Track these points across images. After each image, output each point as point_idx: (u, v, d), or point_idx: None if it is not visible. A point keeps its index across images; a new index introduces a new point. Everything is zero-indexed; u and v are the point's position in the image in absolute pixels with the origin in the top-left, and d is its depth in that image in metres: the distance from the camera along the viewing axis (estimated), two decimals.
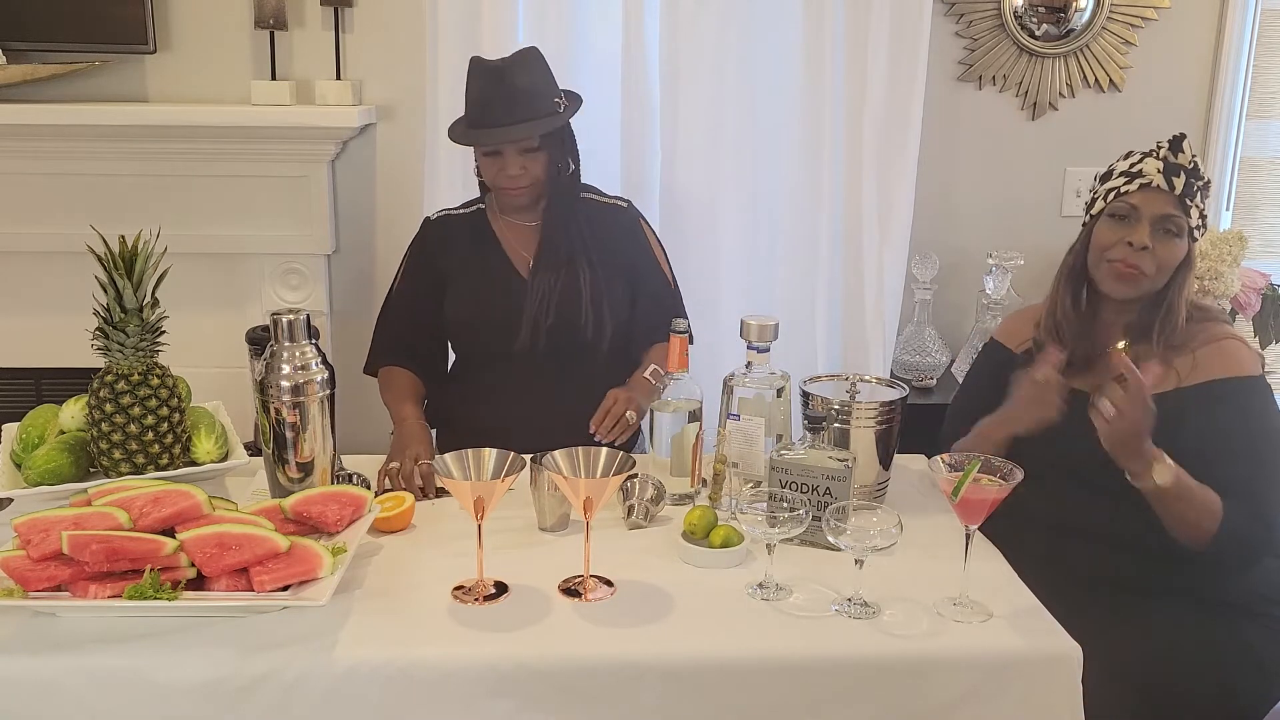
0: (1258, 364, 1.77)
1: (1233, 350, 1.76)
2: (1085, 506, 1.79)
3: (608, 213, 2.21)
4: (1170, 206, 1.76)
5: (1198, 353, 1.76)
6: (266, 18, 2.76)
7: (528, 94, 2.05)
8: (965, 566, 1.52)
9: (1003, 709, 1.41)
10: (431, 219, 2.27)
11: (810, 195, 2.85)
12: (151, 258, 1.72)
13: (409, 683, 1.36)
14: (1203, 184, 1.78)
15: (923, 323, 2.93)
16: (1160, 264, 1.77)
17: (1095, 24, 2.90)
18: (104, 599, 1.38)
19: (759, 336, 1.77)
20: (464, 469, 1.51)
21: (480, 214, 2.23)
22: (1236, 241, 2.71)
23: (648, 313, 2.19)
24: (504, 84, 2.04)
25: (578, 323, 2.11)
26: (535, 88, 2.07)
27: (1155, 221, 1.76)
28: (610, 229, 2.19)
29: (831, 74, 2.75)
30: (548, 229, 2.15)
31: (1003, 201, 3.03)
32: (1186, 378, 1.75)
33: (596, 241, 2.16)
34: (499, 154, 2.07)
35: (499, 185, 2.11)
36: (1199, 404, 1.73)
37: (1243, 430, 1.72)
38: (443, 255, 2.20)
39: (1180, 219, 1.76)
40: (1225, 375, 1.74)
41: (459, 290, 2.18)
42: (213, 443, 1.79)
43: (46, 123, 2.67)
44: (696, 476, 1.84)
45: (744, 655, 1.40)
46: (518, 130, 2.03)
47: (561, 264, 2.13)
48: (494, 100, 2.04)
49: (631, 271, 2.20)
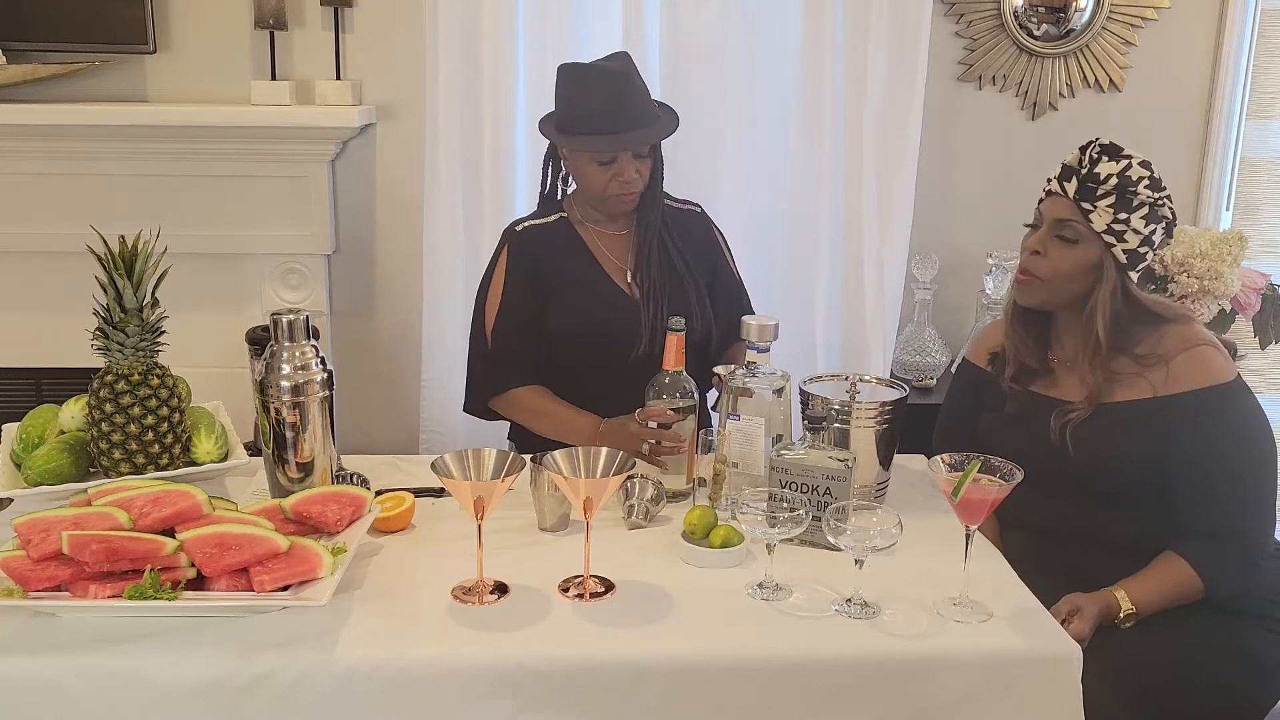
0: (1232, 367, 1.77)
1: (1206, 358, 1.75)
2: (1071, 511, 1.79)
3: (684, 217, 2.23)
4: (1065, 211, 1.76)
5: (1171, 363, 1.75)
6: (266, 18, 2.76)
7: (644, 98, 2.07)
8: (965, 566, 1.52)
9: (1003, 709, 1.41)
10: (517, 230, 2.18)
11: (810, 195, 2.85)
12: (151, 258, 1.71)
13: (409, 683, 1.36)
14: (1109, 190, 1.73)
15: (923, 323, 2.93)
16: (1054, 269, 1.77)
17: (1095, 24, 2.90)
18: (104, 599, 1.38)
19: (759, 336, 1.77)
20: (464, 469, 1.51)
21: (564, 223, 2.19)
22: (1236, 241, 2.71)
23: (724, 312, 2.21)
24: (625, 88, 2.03)
25: (691, 324, 2.08)
26: (646, 91, 2.09)
27: (1051, 227, 1.78)
28: (689, 233, 2.21)
29: (831, 74, 2.75)
30: (643, 235, 2.15)
31: (1003, 201, 3.03)
32: (1162, 388, 1.75)
33: (684, 244, 2.18)
34: (614, 160, 2.04)
35: (610, 193, 2.08)
36: (1183, 416, 1.73)
37: (1228, 438, 1.73)
38: (540, 269, 2.15)
39: (1076, 224, 1.75)
40: (1204, 385, 1.73)
41: (565, 305, 2.13)
42: (213, 443, 1.79)
43: (46, 123, 2.68)
44: (691, 473, 1.84)
45: (744, 655, 1.40)
46: (648, 134, 2.04)
47: (662, 269, 2.14)
48: (623, 104, 2.03)
49: (712, 274, 2.22)
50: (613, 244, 2.19)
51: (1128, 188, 1.73)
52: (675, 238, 2.18)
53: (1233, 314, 2.79)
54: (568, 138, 2.07)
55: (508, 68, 2.75)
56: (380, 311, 3.04)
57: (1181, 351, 1.76)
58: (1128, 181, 1.73)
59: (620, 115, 2.03)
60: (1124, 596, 1.69)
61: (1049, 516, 1.81)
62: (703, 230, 2.26)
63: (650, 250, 2.15)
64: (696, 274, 2.19)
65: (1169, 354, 1.76)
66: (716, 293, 2.23)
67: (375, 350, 3.06)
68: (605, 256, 2.18)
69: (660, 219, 2.17)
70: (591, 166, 2.07)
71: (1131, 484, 1.76)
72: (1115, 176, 1.73)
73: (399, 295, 3.01)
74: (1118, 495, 1.77)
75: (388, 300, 3.02)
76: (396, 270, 2.99)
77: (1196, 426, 1.72)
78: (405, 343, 3.00)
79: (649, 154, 2.09)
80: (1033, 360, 1.87)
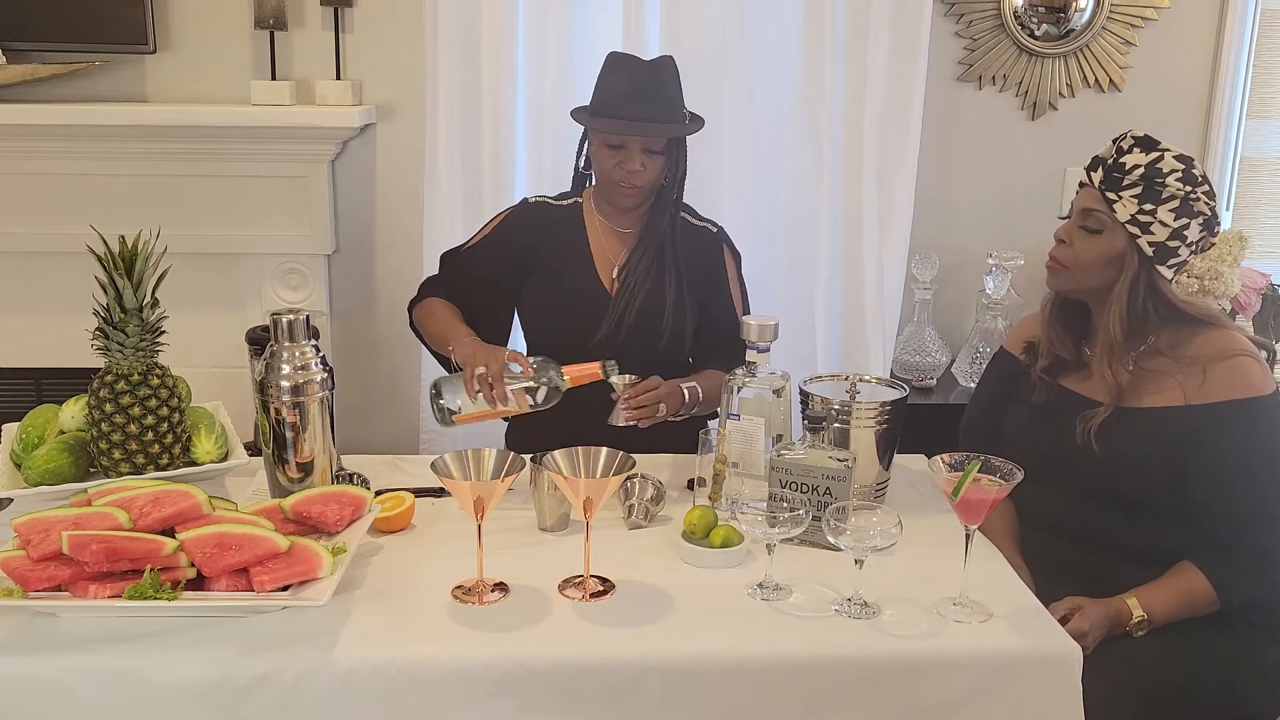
0: (1270, 382, 1.73)
1: (1245, 369, 1.72)
2: (1091, 514, 1.79)
3: (696, 234, 2.23)
4: (1091, 202, 1.76)
5: (1208, 370, 1.72)
6: (266, 18, 2.76)
7: (669, 97, 2.09)
8: (965, 566, 1.52)
9: (1003, 709, 1.41)
10: (530, 201, 2.27)
11: (810, 195, 2.85)
12: (151, 258, 1.71)
13: (409, 683, 1.36)
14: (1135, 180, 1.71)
15: (923, 323, 2.93)
16: (1078, 258, 1.77)
17: (1095, 24, 2.90)
18: (104, 599, 1.37)
19: (759, 336, 1.77)
20: (464, 469, 1.51)
21: (577, 208, 2.23)
22: (1236, 241, 2.71)
23: (708, 336, 2.20)
24: (652, 81, 2.07)
25: (658, 328, 2.12)
26: (675, 94, 2.11)
27: (1078, 216, 1.78)
28: (696, 250, 2.21)
29: (831, 74, 2.75)
30: (645, 235, 2.17)
31: (1003, 201, 3.04)
32: (1194, 396, 1.72)
33: (685, 258, 2.18)
34: (623, 147, 2.07)
35: (614, 180, 2.10)
36: (1210, 425, 1.70)
37: (1257, 453, 1.70)
38: (533, 240, 2.20)
39: (1100, 214, 1.74)
40: (1236, 396, 1.70)
41: (540, 282, 2.19)
42: (213, 443, 1.79)
43: (46, 123, 2.68)
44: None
45: (744, 655, 1.40)
46: (658, 128, 2.06)
47: (651, 270, 2.15)
48: (644, 94, 2.05)
49: (702, 291, 2.21)
50: (613, 239, 2.20)
51: (1155, 179, 1.71)
52: (679, 250, 2.17)
53: (1233, 314, 2.80)
54: (587, 115, 2.11)
55: (508, 68, 2.75)
56: (380, 311, 3.04)
57: (1220, 360, 1.72)
58: (1156, 173, 1.71)
59: (638, 104, 2.05)
60: (1136, 604, 1.67)
61: (1068, 517, 1.80)
62: (710, 251, 2.24)
63: (645, 252, 2.15)
64: (686, 289, 2.17)
65: (1206, 360, 1.73)
66: (706, 315, 2.21)
67: (375, 350, 3.06)
68: (600, 248, 2.19)
69: (669, 227, 2.17)
70: (603, 150, 2.10)
71: (1154, 492, 1.74)
72: (1143, 168, 1.71)
73: (399, 295, 2.99)
74: (1138, 502, 1.75)
75: (388, 300, 3.01)
76: (396, 270, 2.99)
77: (1225, 437, 1.69)
78: (405, 343, 2.98)
79: (663, 152, 2.09)
80: (1067, 352, 1.85)
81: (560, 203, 2.25)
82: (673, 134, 2.09)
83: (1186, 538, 1.73)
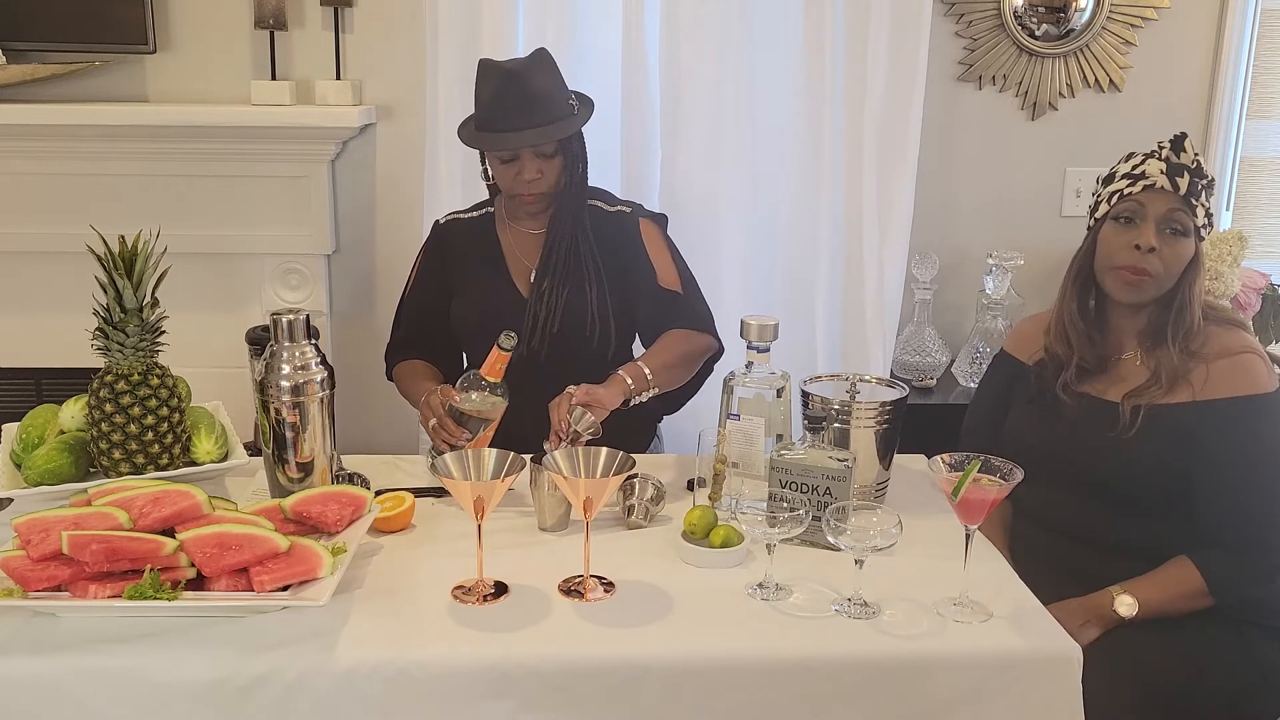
0: (1274, 380, 1.74)
1: (1249, 366, 1.73)
2: (1090, 512, 1.79)
3: (610, 221, 2.16)
4: (1168, 204, 1.75)
5: (1212, 365, 1.73)
6: (266, 18, 2.76)
7: (544, 97, 2.01)
8: (965, 566, 1.52)
9: (1003, 709, 1.41)
10: (440, 223, 2.25)
11: (810, 195, 2.85)
12: (151, 258, 1.71)
13: (409, 683, 1.36)
14: (1206, 182, 1.76)
15: (923, 323, 2.93)
16: (1167, 265, 1.75)
17: (1095, 24, 2.90)
18: (104, 599, 1.38)
19: (759, 336, 1.77)
20: (464, 469, 1.51)
21: (488, 218, 2.21)
22: (1236, 241, 2.71)
23: (647, 314, 2.16)
24: (519, 87, 1.99)
25: (583, 333, 2.09)
26: (550, 91, 2.03)
27: (1160, 221, 1.75)
28: (611, 239, 2.15)
29: (831, 74, 2.75)
30: (551, 238, 2.11)
31: (1003, 201, 3.04)
32: (1200, 391, 1.73)
33: (602, 251, 2.12)
34: (515, 159, 2.03)
35: (515, 192, 2.08)
36: (1216, 422, 1.71)
37: (1258, 450, 1.71)
38: (450, 260, 2.19)
39: (1185, 218, 1.74)
40: (1239, 393, 1.71)
41: (464, 298, 2.18)
42: (213, 443, 1.79)
43: (46, 123, 2.68)
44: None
45: (744, 655, 1.40)
46: (535, 135, 1.99)
47: (565, 274, 2.09)
48: (509, 103, 1.99)
49: (626, 277, 2.15)
50: (525, 243, 2.17)
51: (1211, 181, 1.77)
52: (592, 241, 2.11)
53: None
54: (465, 131, 2.10)
55: None
56: (380, 311, 3.03)
57: (1224, 356, 1.74)
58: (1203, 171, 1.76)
59: (503, 115, 1.99)
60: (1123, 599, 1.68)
61: (1067, 516, 1.80)
62: (624, 234, 2.15)
63: (556, 252, 2.10)
64: (609, 282, 2.11)
65: (1211, 356, 1.74)
66: (635, 293, 2.15)
67: (375, 350, 3.03)
68: (514, 255, 2.17)
69: (574, 221, 2.10)
70: (495, 163, 2.08)
71: (1158, 490, 1.74)
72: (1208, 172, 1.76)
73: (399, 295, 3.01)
74: (1141, 501, 1.75)
75: (388, 300, 3.01)
76: (396, 270, 2.98)
77: (1227, 434, 1.70)
78: None
79: (556, 154, 2.05)
80: (1092, 359, 1.83)
81: (472, 214, 2.23)
82: (555, 135, 2.01)
83: (1187, 537, 1.73)
